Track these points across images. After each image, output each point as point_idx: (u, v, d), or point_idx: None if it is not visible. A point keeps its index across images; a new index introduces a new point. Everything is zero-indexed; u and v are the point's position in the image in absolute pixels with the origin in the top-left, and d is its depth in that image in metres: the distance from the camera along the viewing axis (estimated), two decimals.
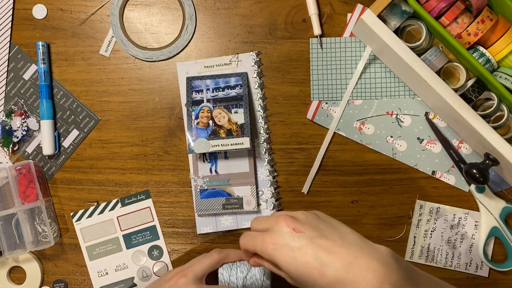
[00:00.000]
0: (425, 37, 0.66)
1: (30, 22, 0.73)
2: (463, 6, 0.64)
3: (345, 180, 0.72)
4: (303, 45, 0.71)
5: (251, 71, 0.71)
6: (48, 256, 0.74)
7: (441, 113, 0.69)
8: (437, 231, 0.71)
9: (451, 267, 0.71)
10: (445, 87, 0.63)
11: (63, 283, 0.74)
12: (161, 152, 0.73)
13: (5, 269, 0.73)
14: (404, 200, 0.71)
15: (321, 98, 0.71)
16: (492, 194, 0.68)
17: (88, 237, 0.73)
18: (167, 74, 0.73)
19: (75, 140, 0.73)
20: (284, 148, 0.72)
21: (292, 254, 0.42)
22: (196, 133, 0.68)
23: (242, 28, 0.72)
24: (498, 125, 0.64)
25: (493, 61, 0.65)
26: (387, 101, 0.71)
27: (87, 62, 0.73)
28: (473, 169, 0.64)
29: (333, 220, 0.46)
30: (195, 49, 0.72)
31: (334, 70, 0.71)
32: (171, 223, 0.73)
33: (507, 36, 0.64)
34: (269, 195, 0.71)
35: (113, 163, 0.73)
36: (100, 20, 0.73)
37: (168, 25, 0.73)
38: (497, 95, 0.65)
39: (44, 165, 0.74)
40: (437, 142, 0.71)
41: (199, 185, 0.71)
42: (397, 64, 0.67)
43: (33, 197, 0.70)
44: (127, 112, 0.73)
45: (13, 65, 0.73)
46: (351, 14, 0.71)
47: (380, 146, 0.71)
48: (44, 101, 0.72)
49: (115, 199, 0.73)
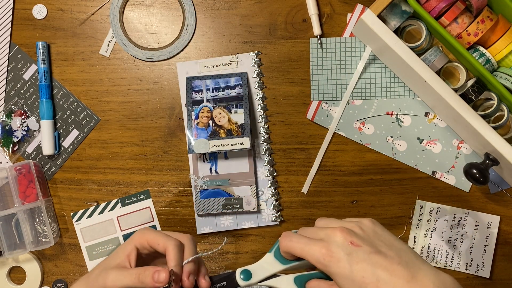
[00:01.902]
0: (425, 37, 0.66)
1: (30, 22, 0.73)
2: (463, 6, 0.64)
3: (345, 180, 0.72)
4: (303, 45, 0.71)
5: (251, 71, 0.71)
6: (48, 256, 0.74)
7: (441, 113, 0.69)
8: (437, 231, 0.71)
9: (451, 267, 0.71)
10: (445, 87, 0.63)
11: (63, 283, 0.74)
12: (161, 152, 0.73)
13: (5, 269, 0.73)
14: (404, 200, 0.71)
15: (321, 98, 0.71)
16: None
17: (88, 237, 0.73)
18: (167, 74, 0.73)
19: (75, 140, 0.73)
20: (284, 148, 0.72)
21: (349, 267, 0.42)
22: (196, 133, 0.68)
23: (242, 28, 0.72)
24: (498, 125, 0.64)
25: (493, 61, 0.65)
26: (387, 101, 0.71)
27: (87, 62, 0.73)
28: (473, 169, 0.64)
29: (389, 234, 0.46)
30: (195, 49, 0.72)
31: (334, 70, 0.71)
32: (171, 223, 0.73)
33: (507, 36, 0.64)
34: (269, 195, 0.71)
35: (113, 163, 0.73)
36: (100, 20, 0.73)
37: (168, 25, 0.73)
38: (497, 95, 0.65)
39: (44, 165, 0.74)
40: (437, 142, 0.71)
41: (199, 185, 0.71)
42: (397, 64, 0.67)
43: (33, 197, 0.70)
44: (127, 112, 0.73)
45: (13, 65, 0.73)
46: (351, 14, 0.71)
47: (380, 146, 0.71)
48: (44, 101, 0.72)
49: (115, 199, 0.73)
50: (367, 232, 0.45)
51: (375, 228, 0.46)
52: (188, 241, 0.52)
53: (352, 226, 0.45)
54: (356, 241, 0.43)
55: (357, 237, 0.44)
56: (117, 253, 0.51)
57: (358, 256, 0.42)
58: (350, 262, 0.42)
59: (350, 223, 0.46)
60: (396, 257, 0.42)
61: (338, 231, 0.44)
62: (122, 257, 0.51)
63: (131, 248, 0.51)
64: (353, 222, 0.46)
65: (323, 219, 0.48)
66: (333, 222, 0.47)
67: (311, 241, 0.44)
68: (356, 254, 0.42)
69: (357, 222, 0.46)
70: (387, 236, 0.45)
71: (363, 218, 0.47)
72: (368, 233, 0.45)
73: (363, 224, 0.46)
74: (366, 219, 0.47)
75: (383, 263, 0.42)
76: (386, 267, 0.41)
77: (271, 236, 0.72)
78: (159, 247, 0.50)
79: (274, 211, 0.72)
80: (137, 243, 0.51)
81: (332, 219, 0.48)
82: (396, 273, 0.41)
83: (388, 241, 0.45)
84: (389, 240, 0.45)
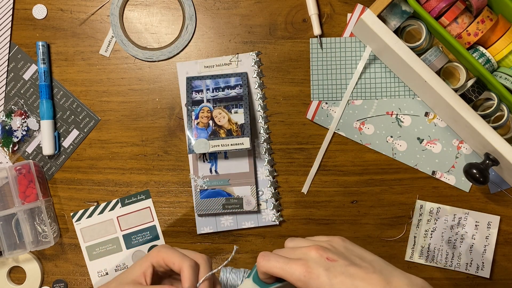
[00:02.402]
0: (425, 37, 0.66)
1: (30, 22, 0.73)
2: (463, 6, 0.64)
3: (345, 180, 0.72)
4: (303, 45, 0.71)
5: (251, 71, 0.71)
6: (48, 256, 0.74)
7: (441, 113, 0.69)
8: (437, 231, 0.71)
9: (451, 267, 0.71)
10: (445, 87, 0.63)
11: (63, 283, 0.74)
12: (161, 152, 0.73)
13: (5, 269, 0.73)
14: (404, 200, 0.71)
15: (321, 98, 0.71)
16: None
17: (88, 237, 0.73)
18: (167, 74, 0.73)
19: (75, 140, 0.73)
20: (284, 148, 0.72)
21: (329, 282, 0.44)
22: (196, 133, 0.68)
23: (242, 28, 0.72)
24: (498, 125, 0.64)
25: (493, 61, 0.65)
26: (387, 101, 0.71)
27: (87, 62, 0.73)
28: (473, 169, 0.64)
29: (359, 248, 0.49)
30: (195, 49, 0.72)
31: (334, 70, 0.71)
32: (171, 223, 0.73)
33: (507, 36, 0.64)
34: (269, 195, 0.71)
35: (113, 163, 0.73)
36: (100, 20, 0.73)
37: (168, 25, 0.73)
38: (497, 95, 0.65)
39: (44, 165, 0.74)
40: (437, 142, 0.71)
41: (199, 185, 0.71)
42: (397, 64, 0.67)
43: (33, 197, 0.70)
44: (127, 112, 0.73)
45: (13, 65, 0.73)
46: (351, 14, 0.71)
47: (380, 146, 0.71)
48: (44, 101, 0.72)
49: (115, 199, 0.73)
50: (339, 248, 0.48)
51: (345, 244, 0.49)
52: (203, 261, 0.53)
53: (325, 244, 0.48)
54: (332, 256, 0.46)
55: (332, 253, 0.46)
56: (134, 269, 0.53)
57: (335, 270, 0.44)
58: (329, 276, 0.44)
59: (321, 242, 0.49)
60: (370, 267, 0.45)
61: (313, 249, 0.46)
62: (138, 273, 0.52)
63: (147, 265, 0.52)
64: (324, 240, 0.49)
65: (293, 240, 0.51)
66: (304, 242, 0.50)
67: (290, 260, 0.46)
68: (334, 269, 0.44)
69: (328, 241, 0.49)
70: (357, 250, 0.48)
71: (333, 236, 0.50)
72: (340, 249, 0.48)
73: (334, 241, 0.49)
74: (336, 237, 0.50)
75: (360, 274, 0.44)
76: (363, 277, 0.44)
77: (271, 236, 0.72)
78: (174, 267, 0.52)
79: (274, 211, 0.72)
80: (153, 260, 0.53)
81: (302, 239, 0.50)
82: (372, 281, 0.43)
83: (360, 254, 0.47)
84: (360, 253, 0.48)
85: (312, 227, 0.72)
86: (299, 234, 0.72)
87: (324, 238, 0.50)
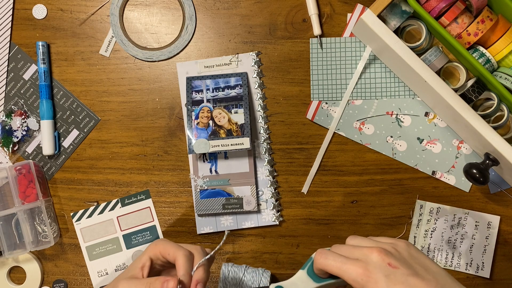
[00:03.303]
0: (425, 37, 0.66)
1: (30, 22, 0.73)
2: (463, 6, 0.64)
3: (345, 180, 0.72)
4: (303, 45, 0.71)
5: (251, 71, 0.71)
6: (48, 256, 0.74)
7: (441, 113, 0.69)
8: (437, 231, 0.71)
9: (451, 267, 0.71)
10: (445, 87, 0.63)
11: (63, 283, 0.74)
12: (161, 152, 0.73)
13: (5, 269, 0.73)
14: (404, 200, 0.71)
15: (321, 98, 0.71)
16: None
17: (88, 237, 0.73)
18: (167, 74, 0.73)
19: (75, 140, 0.73)
20: (284, 148, 0.72)
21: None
22: (196, 133, 0.68)
23: (242, 28, 0.72)
24: (498, 125, 0.64)
25: (493, 61, 0.65)
26: (387, 101, 0.71)
27: (87, 62, 0.73)
28: (473, 169, 0.64)
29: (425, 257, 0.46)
30: (195, 49, 0.72)
31: (334, 70, 0.71)
32: (171, 223, 0.73)
33: (507, 36, 0.64)
34: (269, 195, 0.71)
35: (113, 163, 0.73)
36: (100, 20, 0.73)
37: (168, 25, 0.73)
38: (497, 95, 0.65)
39: (44, 165, 0.74)
40: (437, 142, 0.71)
41: (199, 185, 0.71)
42: (397, 64, 0.67)
43: (33, 197, 0.70)
44: (127, 112, 0.73)
45: (13, 65, 0.73)
46: (351, 14, 0.71)
47: (380, 146, 0.71)
48: (44, 101, 0.72)
49: (115, 199, 0.73)
50: (403, 254, 0.45)
51: (410, 250, 0.46)
52: (197, 252, 0.54)
53: (388, 247, 0.45)
54: (394, 262, 0.43)
55: (395, 259, 0.43)
56: (133, 265, 0.54)
57: (396, 278, 0.42)
58: (388, 284, 0.42)
59: (385, 244, 0.46)
60: (433, 280, 0.42)
61: (376, 252, 0.44)
62: (137, 268, 0.53)
63: (146, 259, 0.53)
64: (387, 243, 0.46)
65: (355, 238, 0.48)
66: (367, 241, 0.47)
67: (348, 260, 0.44)
68: (394, 276, 0.42)
69: (392, 244, 0.46)
70: (422, 258, 0.45)
71: (398, 240, 0.47)
72: (404, 255, 0.45)
73: (398, 245, 0.46)
74: (401, 240, 0.47)
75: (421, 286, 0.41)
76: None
77: (271, 236, 0.72)
78: (170, 257, 0.52)
79: (274, 211, 0.72)
80: (151, 254, 0.53)
81: (365, 238, 0.48)
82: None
83: (424, 264, 0.44)
84: (425, 263, 0.45)
85: (312, 227, 0.72)
86: (299, 234, 0.72)
87: (388, 240, 0.47)
